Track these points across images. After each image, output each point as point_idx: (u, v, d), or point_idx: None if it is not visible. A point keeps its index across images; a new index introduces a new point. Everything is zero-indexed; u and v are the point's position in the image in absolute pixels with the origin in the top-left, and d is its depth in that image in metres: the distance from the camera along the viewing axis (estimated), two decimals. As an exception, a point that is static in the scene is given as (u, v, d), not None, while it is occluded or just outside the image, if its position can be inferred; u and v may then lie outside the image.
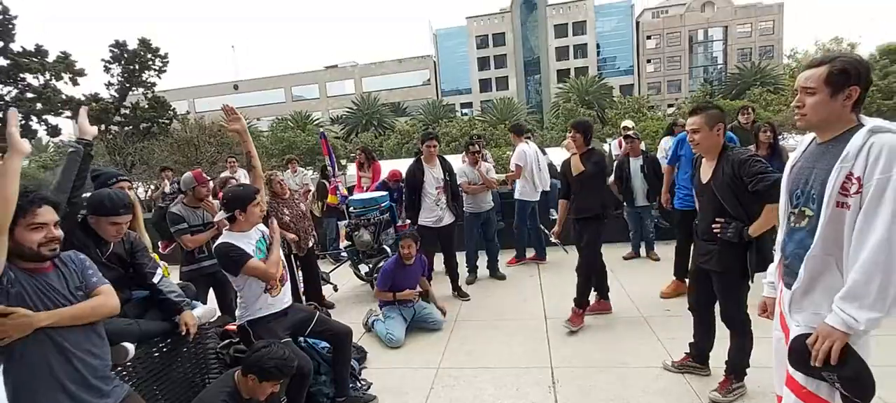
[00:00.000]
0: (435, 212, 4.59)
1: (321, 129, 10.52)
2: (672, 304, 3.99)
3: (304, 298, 4.35)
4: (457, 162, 5.79)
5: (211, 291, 3.62)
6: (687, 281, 3.53)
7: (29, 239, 1.56)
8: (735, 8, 48.34)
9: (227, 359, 2.80)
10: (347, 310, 4.57)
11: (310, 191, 6.91)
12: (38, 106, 19.17)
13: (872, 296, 1.34)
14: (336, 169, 6.04)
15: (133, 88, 20.83)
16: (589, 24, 50.21)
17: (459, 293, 4.69)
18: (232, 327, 2.97)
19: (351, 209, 5.04)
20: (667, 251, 5.40)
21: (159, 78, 21.20)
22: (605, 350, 3.30)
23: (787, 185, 1.65)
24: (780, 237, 1.73)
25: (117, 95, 20.59)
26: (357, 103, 44.64)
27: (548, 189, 5.77)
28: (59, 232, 1.64)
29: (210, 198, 3.64)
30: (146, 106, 20.91)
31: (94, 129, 2.33)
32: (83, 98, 19.73)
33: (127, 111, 20.73)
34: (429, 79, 52.61)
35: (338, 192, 5.75)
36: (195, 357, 2.59)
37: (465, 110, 48.68)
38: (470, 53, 52.88)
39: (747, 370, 2.56)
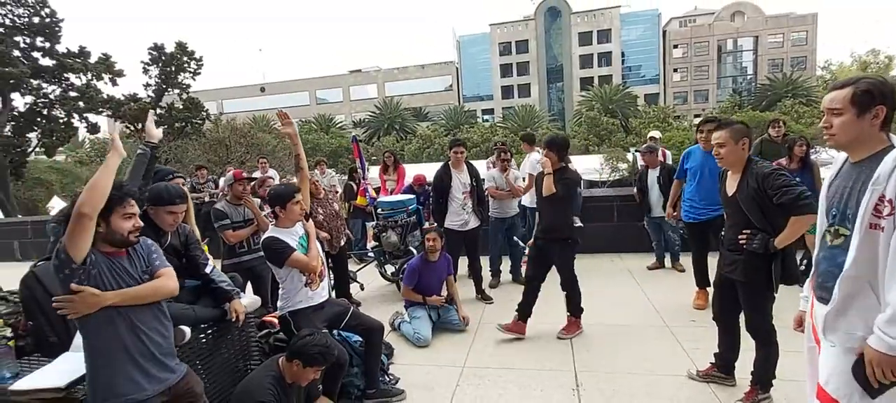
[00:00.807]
0: (461, 216, 4.71)
1: (354, 134, 10.77)
2: (697, 314, 4.00)
3: (334, 295, 4.52)
4: (481, 167, 5.90)
5: (248, 285, 3.81)
6: (709, 290, 3.56)
7: (123, 226, 1.74)
8: (766, 18, 47.21)
9: (266, 348, 2.98)
10: (373, 309, 4.70)
11: (337, 192, 7.12)
12: (81, 104, 20.12)
13: None
14: (366, 172, 6.22)
15: (169, 89, 21.68)
16: (614, 33, 49.76)
17: (483, 296, 4.79)
18: (269, 318, 3.16)
19: (379, 211, 5.20)
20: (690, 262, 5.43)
21: (194, 80, 22.05)
22: (628, 356, 3.35)
23: (824, 203, 1.69)
24: (816, 253, 1.76)
25: (154, 96, 21.46)
26: (379, 107, 45.23)
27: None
28: (140, 222, 1.83)
29: (250, 195, 3.85)
30: (181, 106, 21.73)
31: (159, 132, 2.54)
32: (122, 97, 20.62)
33: (162, 111, 21.56)
34: (451, 85, 52.96)
35: (367, 194, 5.93)
36: (239, 343, 2.77)
37: (486, 116, 48.77)
38: (493, 60, 53.00)
39: (773, 381, 2.59)
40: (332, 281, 4.70)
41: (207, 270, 2.57)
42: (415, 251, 4.95)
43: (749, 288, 2.52)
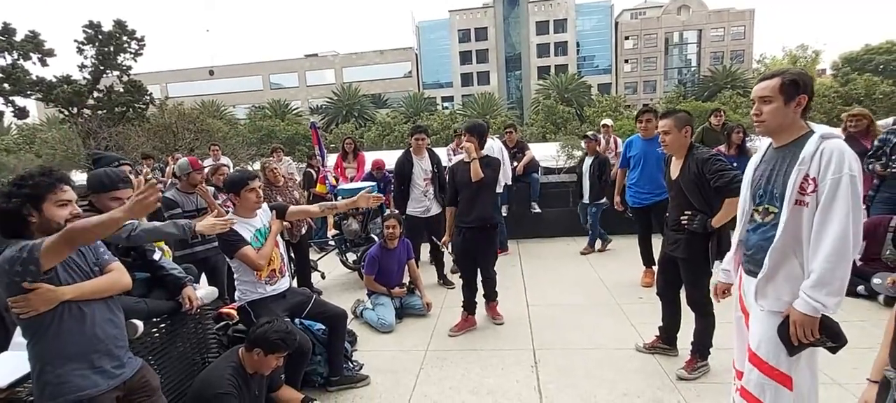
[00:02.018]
0: (423, 203, 4.75)
1: (313, 120, 10.46)
2: (644, 291, 4.27)
3: (295, 284, 4.46)
4: (442, 154, 5.95)
5: (203, 276, 3.69)
6: (655, 268, 3.81)
7: (57, 214, 1.65)
8: (709, 12, 49.72)
9: (224, 340, 2.92)
10: (335, 297, 4.67)
11: (296, 180, 6.95)
12: (6, 86, 18.36)
13: (837, 284, 1.55)
14: (325, 160, 6.11)
15: (107, 71, 20.13)
16: (569, 22, 50.84)
17: (445, 281, 4.87)
18: (227, 310, 3.09)
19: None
20: (618, 243, 5.76)
21: (135, 61, 20.56)
22: (583, 333, 3.53)
23: (750, 186, 1.87)
24: (739, 230, 1.94)
25: (90, 78, 19.86)
26: (337, 93, 44.18)
27: (510, 183, 5.99)
28: (79, 210, 1.74)
29: (203, 184, 3.71)
30: (121, 89, 20.25)
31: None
32: (54, 80, 18.97)
33: (101, 94, 20.03)
34: (410, 72, 52.41)
35: (327, 182, 5.84)
36: (196, 336, 2.69)
37: (446, 104, 48.73)
38: (452, 47, 52.88)
39: (710, 349, 2.82)
40: (293, 271, 4.63)
41: (155, 257, 2.48)
42: (376, 238, 4.95)
43: (689, 265, 2.73)
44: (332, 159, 7.47)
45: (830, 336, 1.62)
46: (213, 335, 2.83)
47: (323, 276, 5.30)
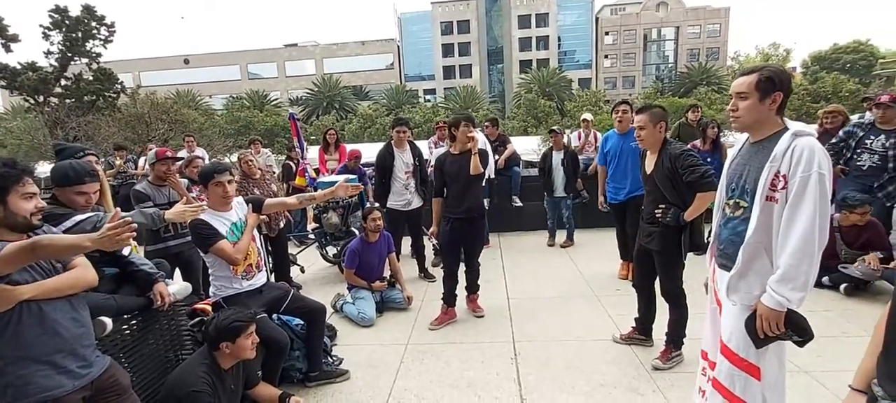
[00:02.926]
0: (404, 196, 4.73)
1: (291, 111, 10.23)
2: (622, 283, 4.34)
3: (273, 279, 4.38)
4: (424, 147, 5.93)
5: (177, 271, 3.59)
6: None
7: (23, 207, 1.58)
8: (686, 9, 50.61)
9: (198, 337, 2.85)
10: (314, 292, 4.63)
11: (274, 172, 6.83)
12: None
13: (802, 279, 1.58)
14: (304, 152, 6.01)
15: (75, 58, 19.30)
16: (551, 17, 51.07)
17: (426, 274, 4.86)
18: (201, 305, 3.01)
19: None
20: (587, 237, 5.84)
21: (105, 48, 19.74)
22: (562, 325, 3.58)
23: (725, 179, 1.90)
24: (714, 224, 1.98)
25: (57, 65, 19.02)
26: (318, 84, 43.49)
27: (493, 176, 6.02)
28: (43, 203, 1.66)
29: (176, 176, 3.59)
30: (90, 77, 19.46)
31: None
32: (19, 66, 18.11)
33: (69, 82, 19.21)
34: (392, 64, 51.92)
35: (306, 174, 5.75)
36: (169, 333, 2.62)
37: (428, 96, 48.51)
38: (434, 39, 52.57)
39: (684, 340, 2.89)
40: (271, 265, 4.56)
41: (125, 252, 2.40)
42: (357, 231, 4.90)
43: (662, 256, 2.79)
44: (312, 151, 7.35)
45: (796, 330, 1.66)
46: (187, 331, 2.76)
47: (302, 270, 5.23)
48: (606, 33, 51.80)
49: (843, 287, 3.82)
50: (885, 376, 1.08)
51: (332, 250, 5.26)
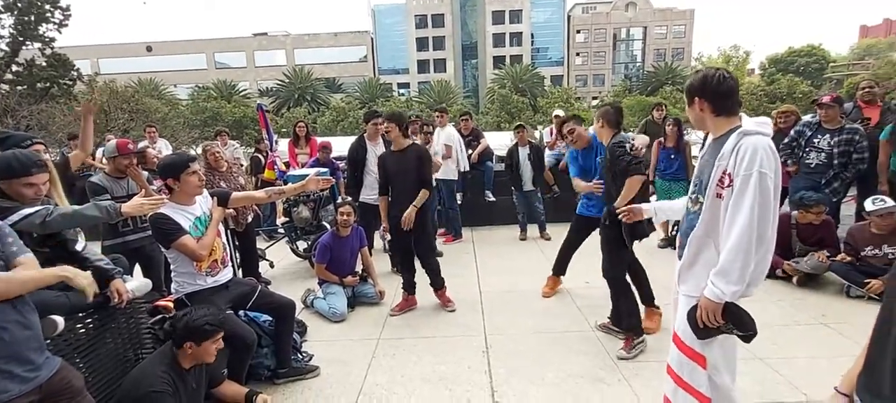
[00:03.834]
0: (377, 190, 4.66)
1: (260, 102, 9.86)
2: (591, 276, 4.42)
3: (241, 274, 4.27)
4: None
5: (137, 267, 3.45)
6: (561, 278, 4.10)
7: None
8: (654, 10, 52.06)
9: (160, 335, 2.74)
10: (284, 287, 4.53)
11: (242, 165, 6.63)
12: None
13: (736, 274, 1.63)
14: (273, 144, 5.86)
15: (27, 43, 18.14)
16: (525, 14, 51.51)
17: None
18: (162, 303, 2.90)
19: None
20: (559, 231, 5.91)
21: (60, 32, 18.63)
22: (532, 318, 3.63)
23: (694, 174, 1.98)
24: (681, 218, 2.05)
25: (8, 49, 17.83)
26: (289, 75, 42.50)
27: (466, 170, 6.05)
28: None
29: (135, 167, 3.44)
30: (44, 63, 18.34)
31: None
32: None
33: (20, 68, 18.05)
34: (365, 56, 51.24)
35: (275, 167, 5.61)
36: (128, 332, 2.51)
37: (402, 90, 48.12)
38: (408, 33, 52.16)
39: (642, 327, 3.04)
40: (239, 260, 4.43)
41: (78, 247, 2.28)
42: (328, 225, 4.82)
43: (605, 245, 3.07)
44: (282, 144, 7.17)
45: (735, 323, 1.70)
46: (148, 329, 2.65)
47: (271, 265, 5.11)
48: (578, 31, 52.66)
49: (795, 278, 4.03)
50: (864, 387, 1.13)
51: (302, 245, 5.16)
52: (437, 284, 3.83)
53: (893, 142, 4.13)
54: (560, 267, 4.13)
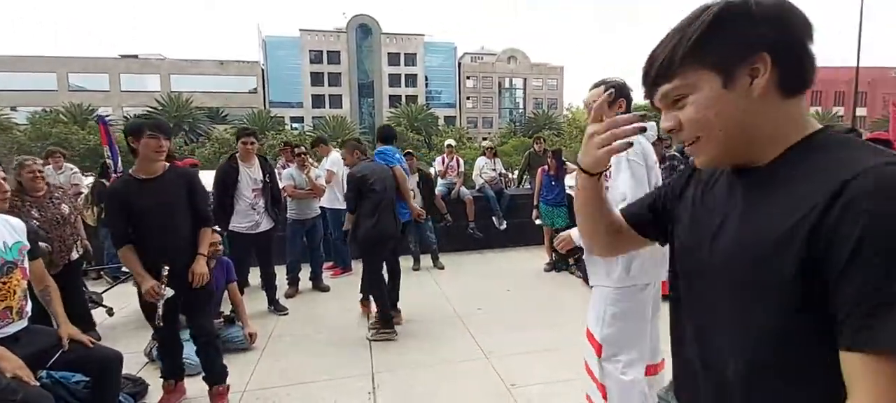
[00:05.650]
0: (250, 217, 4.11)
1: (100, 113, 8.28)
2: (484, 302, 4.35)
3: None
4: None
5: None
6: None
7: None
8: (531, 64, 58.37)
9: None
10: (125, 338, 3.69)
11: (81, 192, 5.47)
12: None
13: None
14: (118, 163, 4.93)
15: None
16: (419, 58, 53.66)
17: (277, 307, 4.26)
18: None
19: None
20: (451, 260, 5.93)
21: None
22: (425, 350, 3.38)
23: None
24: None
25: None
26: (163, 103, 38.21)
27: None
28: None
29: None
30: None
31: None
32: None
33: None
34: (255, 88, 48.37)
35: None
36: None
37: (295, 124, 46.10)
38: (303, 67, 50.72)
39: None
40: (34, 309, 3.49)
41: None
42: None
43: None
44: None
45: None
46: None
47: (111, 313, 4.16)
48: (468, 77, 56.31)
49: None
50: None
51: (154, 285, 4.30)
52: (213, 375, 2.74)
53: None
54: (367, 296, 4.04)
